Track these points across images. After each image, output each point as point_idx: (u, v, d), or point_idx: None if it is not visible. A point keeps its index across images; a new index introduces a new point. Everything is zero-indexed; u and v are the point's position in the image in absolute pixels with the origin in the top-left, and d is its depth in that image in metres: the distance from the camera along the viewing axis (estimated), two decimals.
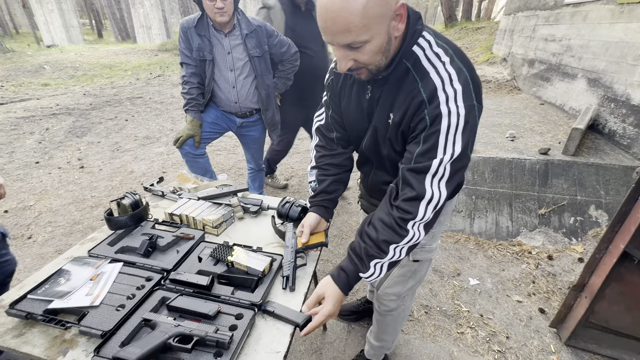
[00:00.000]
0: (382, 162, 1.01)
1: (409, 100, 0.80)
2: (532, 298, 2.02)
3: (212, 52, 1.95)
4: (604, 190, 2.56)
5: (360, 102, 0.94)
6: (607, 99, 3.24)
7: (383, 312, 1.29)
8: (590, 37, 3.65)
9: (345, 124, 1.06)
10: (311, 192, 1.15)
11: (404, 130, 0.84)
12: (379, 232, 0.84)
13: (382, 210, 0.87)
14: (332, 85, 1.03)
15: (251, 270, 0.93)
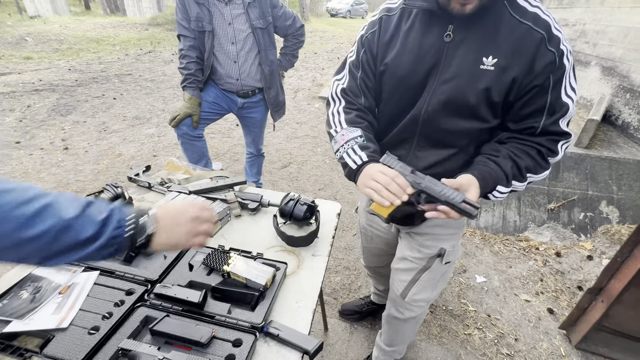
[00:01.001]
0: (438, 134, 0.84)
1: (520, 38, 0.72)
2: (540, 297, 1.95)
3: (212, 22, 1.77)
4: (616, 185, 2.46)
5: (424, 48, 0.78)
6: (622, 88, 3.09)
7: (408, 319, 1.19)
8: (607, 22, 3.46)
9: (387, 83, 0.87)
10: (360, 146, 0.86)
11: (516, 76, 0.73)
12: (524, 159, 0.80)
13: (522, 143, 0.81)
14: (376, 36, 0.86)
15: (251, 283, 0.79)
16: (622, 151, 2.66)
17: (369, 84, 0.91)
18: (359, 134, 0.87)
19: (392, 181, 0.72)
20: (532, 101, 0.77)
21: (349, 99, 0.92)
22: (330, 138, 0.93)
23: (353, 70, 0.92)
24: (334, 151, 0.91)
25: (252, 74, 1.93)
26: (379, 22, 0.86)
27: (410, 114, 0.85)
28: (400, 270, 1.13)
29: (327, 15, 20.51)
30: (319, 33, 11.08)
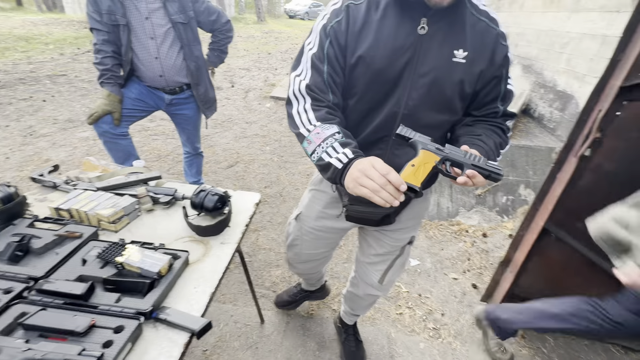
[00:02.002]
0: (417, 130, 0.80)
1: (483, 35, 0.79)
2: (466, 274, 2.12)
3: (126, 15, 1.70)
4: (532, 170, 2.75)
5: (399, 40, 0.76)
6: (537, 84, 3.45)
7: (381, 296, 1.31)
8: (525, 25, 3.84)
9: (361, 77, 0.81)
10: (340, 143, 0.78)
11: (483, 69, 0.81)
12: (496, 137, 0.87)
13: (483, 125, 0.89)
14: (344, 26, 0.79)
15: (145, 272, 0.79)
16: (537, 140, 2.97)
17: (336, 79, 0.83)
18: (336, 130, 0.79)
19: (388, 182, 0.66)
20: (492, 90, 0.87)
21: (315, 96, 0.82)
22: (300, 139, 0.83)
23: (317, 63, 0.81)
24: (307, 153, 0.81)
25: (177, 70, 1.89)
26: (345, 10, 0.79)
27: (388, 110, 0.82)
28: (374, 263, 1.19)
29: (286, 17, 20.50)
30: (275, 34, 11.04)
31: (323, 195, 1.09)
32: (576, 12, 2.93)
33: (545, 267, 1.64)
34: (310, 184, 1.16)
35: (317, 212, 1.11)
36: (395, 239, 1.11)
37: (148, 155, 3.19)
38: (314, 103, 0.83)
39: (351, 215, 0.96)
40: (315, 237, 1.16)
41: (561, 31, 3.12)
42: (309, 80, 0.83)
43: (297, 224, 1.19)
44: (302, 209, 1.17)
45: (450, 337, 1.68)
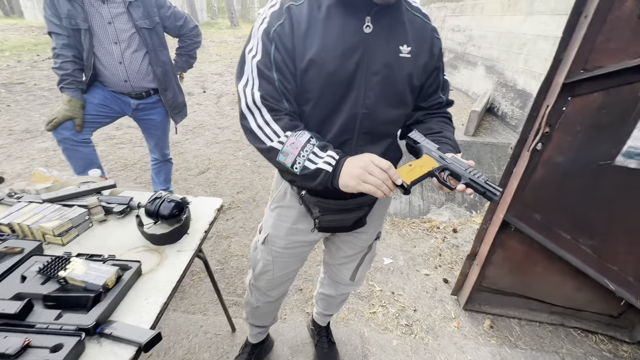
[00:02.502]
0: (378, 127, 0.85)
1: (420, 28, 0.83)
2: (438, 270, 2.16)
3: (88, 20, 1.65)
4: (496, 166, 2.86)
5: (348, 40, 0.76)
6: (499, 84, 3.62)
7: (348, 296, 1.33)
8: (487, 27, 4.02)
9: (315, 81, 0.78)
10: (319, 147, 0.77)
11: (425, 62, 0.84)
12: (449, 129, 0.93)
13: (435, 119, 0.94)
14: (288, 29, 0.75)
15: (89, 285, 0.75)
16: (501, 137, 3.10)
17: (288, 86, 0.78)
18: (309, 135, 0.76)
19: (389, 177, 0.71)
20: (434, 81, 0.92)
21: (271, 106, 0.77)
22: (271, 154, 0.77)
23: (264, 71, 0.76)
24: (286, 166, 0.76)
25: (143, 75, 1.85)
26: (287, 12, 0.75)
27: (347, 112, 0.80)
28: (345, 264, 1.20)
29: None
30: None
31: (290, 211, 1.00)
32: (531, 14, 3.10)
33: (508, 258, 1.71)
34: (272, 202, 1.03)
35: (286, 230, 1.02)
36: (364, 239, 1.11)
37: (114, 164, 3.07)
38: (273, 113, 0.77)
39: (324, 225, 0.94)
40: (289, 255, 1.08)
41: (518, 33, 3.29)
42: (260, 90, 0.77)
43: (266, 247, 1.07)
44: (268, 230, 1.05)
45: (423, 333, 1.71)
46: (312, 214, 0.93)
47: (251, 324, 1.36)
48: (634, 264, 1.55)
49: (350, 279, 1.23)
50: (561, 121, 1.34)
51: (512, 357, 1.61)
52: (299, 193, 0.93)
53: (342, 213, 0.93)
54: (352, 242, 1.12)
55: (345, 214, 0.94)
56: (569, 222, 1.53)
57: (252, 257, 1.15)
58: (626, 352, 1.69)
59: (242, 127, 0.81)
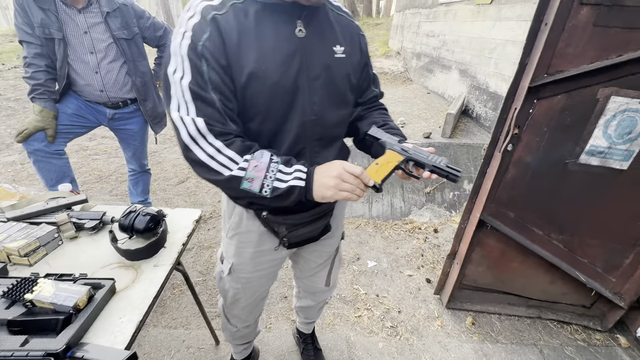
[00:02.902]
0: (329, 132, 0.83)
1: (348, 27, 0.84)
2: (420, 270, 2.20)
3: (62, 29, 1.61)
4: (473, 166, 2.95)
5: (284, 47, 0.72)
6: (473, 87, 3.75)
7: (327, 300, 1.35)
8: (459, 33, 4.17)
9: (259, 95, 0.72)
10: (284, 163, 0.74)
11: (358, 59, 0.86)
12: (390, 118, 0.96)
13: (375, 113, 0.96)
14: (218, 43, 0.67)
15: (58, 307, 0.72)
16: (476, 138, 3.21)
17: (230, 106, 0.71)
18: (269, 153, 0.72)
19: (361, 181, 0.72)
20: (366, 77, 0.94)
21: (218, 130, 0.69)
22: (235, 183, 0.70)
23: (200, 93, 0.67)
24: (254, 192, 0.70)
25: (120, 86, 1.82)
26: (211, 23, 0.67)
27: (297, 121, 0.77)
28: (317, 273, 1.19)
29: None
30: None
31: (251, 235, 0.94)
32: (499, 20, 3.24)
33: (486, 256, 1.76)
34: (229, 231, 0.95)
35: (251, 255, 0.97)
36: (331, 244, 1.11)
37: (87, 176, 2.96)
38: (222, 138, 0.70)
39: (293, 241, 0.94)
40: (259, 278, 1.03)
41: (488, 38, 3.43)
42: (200, 114, 0.68)
43: (232, 276, 1.02)
44: (231, 259, 0.99)
45: (407, 333, 1.73)
46: (279, 234, 0.90)
47: (235, 344, 1.33)
48: (601, 255, 1.64)
49: (325, 285, 1.23)
50: (529, 123, 1.40)
51: (493, 352, 1.66)
52: (259, 216, 0.88)
53: (310, 224, 0.92)
54: (320, 250, 1.11)
55: (313, 224, 0.93)
56: (541, 219, 1.60)
57: (219, 287, 1.09)
58: (599, 340, 1.77)
59: (188, 160, 0.71)
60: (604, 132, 1.35)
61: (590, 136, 1.37)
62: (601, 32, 1.21)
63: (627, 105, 1.29)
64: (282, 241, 0.92)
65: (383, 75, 6.09)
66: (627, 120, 1.32)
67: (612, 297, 1.69)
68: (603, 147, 1.37)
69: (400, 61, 6.66)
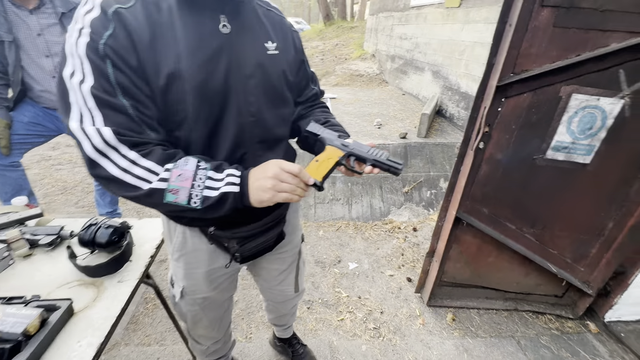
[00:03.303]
0: (269, 133, 0.79)
1: (280, 23, 0.81)
2: (401, 270, 2.22)
3: (13, 32, 1.49)
4: (448, 165, 3.02)
5: (208, 43, 0.65)
6: (446, 87, 3.85)
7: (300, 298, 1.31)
8: (430, 35, 4.28)
9: (185, 99, 0.65)
10: (213, 169, 0.67)
11: (293, 55, 0.83)
12: (333, 117, 0.93)
13: (317, 111, 0.94)
14: (126, 41, 0.59)
15: (5, 335, 0.65)
16: (450, 137, 3.29)
17: (147, 112, 0.63)
18: (195, 159, 0.65)
19: (301, 180, 0.68)
20: (303, 74, 0.91)
21: (133, 140, 0.61)
22: (156, 197, 0.62)
23: (107, 99, 0.59)
24: (181, 205, 0.63)
25: None
26: (114, 19, 0.58)
27: (232, 124, 0.71)
28: (283, 281, 1.14)
29: None
30: None
31: (199, 254, 0.87)
32: (467, 23, 3.35)
33: (463, 252, 1.79)
34: (174, 253, 0.88)
35: (202, 275, 0.90)
36: (291, 248, 1.08)
37: (50, 188, 2.78)
38: (138, 149, 0.62)
39: (247, 255, 0.88)
40: (217, 294, 0.97)
41: (458, 40, 3.54)
42: (108, 123, 0.59)
43: (186, 300, 0.95)
44: (182, 282, 0.92)
45: (390, 334, 1.73)
46: (229, 249, 0.85)
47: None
48: (570, 246, 1.71)
49: (295, 291, 1.20)
50: (498, 121, 1.44)
51: (473, 346, 1.69)
52: (205, 233, 0.81)
53: (262, 235, 0.87)
54: (280, 257, 1.06)
55: (266, 234, 0.88)
56: (513, 214, 1.64)
57: (175, 311, 1.03)
58: (571, 327, 1.84)
59: (97, 178, 0.62)
60: (568, 128, 1.41)
61: (555, 132, 1.42)
62: (561, 33, 1.26)
63: (587, 102, 1.35)
64: (234, 256, 0.85)
65: (359, 77, 6.15)
66: (588, 117, 1.38)
67: (581, 285, 1.77)
68: (567, 142, 1.43)
69: (375, 63, 6.76)
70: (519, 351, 1.67)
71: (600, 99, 1.34)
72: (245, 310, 1.80)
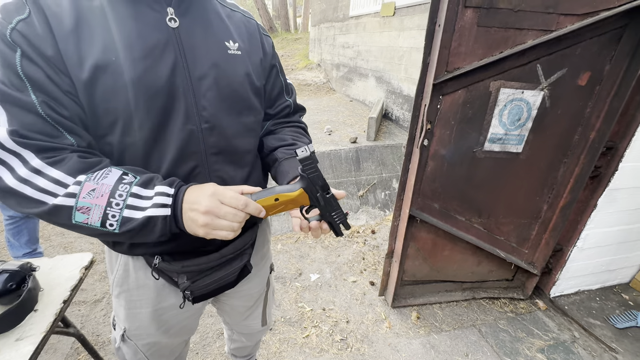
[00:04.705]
0: (230, 142, 0.68)
1: (245, 24, 0.74)
2: (364, 274, 2.19)
3: None
4: (399, 165, 3.11)
5: (148, 37, 0.57)
6: (390, 92, 4.01)
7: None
8: (370, 43, 4.45)
9: (116, 97, 0.55)
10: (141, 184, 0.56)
11: (261, 58, 0.75)
12: (303, 139, 0.83)
13: (290, 126, 0.86)
14: (42, 28, 0.51)
15: None
16: (398, 138, 3.41)
17: (63, 112, 0.53)
18: (120, 171, 0.55)
19: (246, 214, 0.57)
20: (275, 82, 0.82)
21: (41, 145, 0.51)
22: (63, 215, 0.51)
23: (12, 94, 0.50)
24: (94, 226, 0.52)
25: None
26: (31, 3, 0.51)
27: (178, 130, 0.61)
28: (250, 315, 1.01)
29: None
30: None
31: (144, 292, 0.74)
32: (402, 30, 3.53)
33: (420, 249, 1.82)
34: (114, 288, 0.76)
35: (149, 316, 0.77)
36: (258, 282, 0.96)
37: None
38: (45, 155, 0.52)
39: (200, 294, 0.73)
40: (168, 337, 0.84)
41: (396, 47, 3.71)
42: (11, 123, 0.50)
43: (129, 345, 0.81)
44: (123, 324, 0.79)
45: (358, 343, 1.67)
46: (179, 286, 0.71)
47: None
48: (513, 231, 1.81)
49: (262, 325, 1.08)
50: (438, 117, 1.48)
51: (439, 342, 1.70)
52: (150, 264, 0.70)
53: (221, 269, 0.74)
54: (247, 291, 0.93)
55: (225, 268, 0.74)
56: (461, 206, 1.70)
57: (117, 358, 0.87)
58: (523, 308, 1.94)
59: None
60: (500, 121, 1.50)
61: (490, 125, 1.50)
62: (484, 32, 1.34)
63: (514, 96, 1.45)
64: (184, 294, 0.71)
65: (306, 86, 6.20)
66: (516, 109, 1.48)
67: (527, 266, 1.88)
68: (501, 134, 1.52)
69: (322, 72, 6.88)
70: (481, 339, 1.72)
71: (524, 92, 1.45)
72: (199, 343, 1.63)
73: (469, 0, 1.29)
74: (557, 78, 1.44)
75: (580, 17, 1.34)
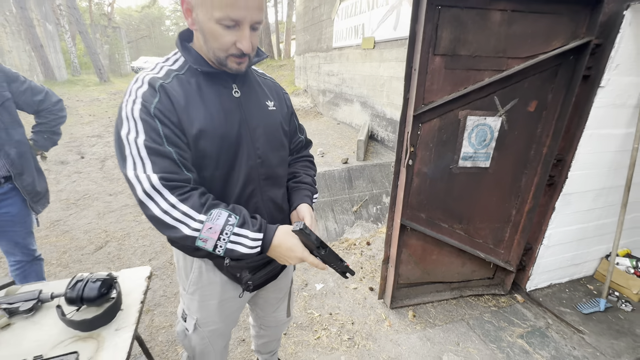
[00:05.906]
0: (274, 171, 0.96)
1: (273, 87, 1.03)
2: (363, 281, 2.43)
3: None
4: (387, 182, 3.42)
5: (226, 105, 0.85)
6: (374, 115, 4.39)
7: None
8: (354, 72, 4.87)
9: (210, 146, 0.82)
10: (239, 225, 0.79)
11: (286, 110, 1.04)
12: (311, 172, 1.13)
13: (299, 164, 1.13)
14: (169, 105, 0.77)
15: None
16: (385, 157, 3.74)
17: (185, 156, 0.79)
18: (225, 214, 0.77)
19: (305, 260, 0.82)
20: (292, 124, 1.11)
21: (174, 184, 0.75)
22: (189, 241, 0.75)
23: (157, 148, 0.74)
24: (208, 249, 0.77)
25: None
26: (160, 90, 0.77)
27: (245, 165, 0.88)
28: (278, 307, 1.27)
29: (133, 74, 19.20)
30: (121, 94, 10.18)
31: (214, 287, 0.99)
32: (382, 62, 3.96)
33: (412, 255, 2.08)
34: (189, 286, 1.00)
35: (216, 307, 1.02)
36: (287, 276, 1.22)
37: None
38: (177, 192, 0.75)
39: (257, 283, 1.01)
40: (225, 325, 1.10)
41: (377, 75, 4.13)
42: (156, 169, 0.74)
43: (198, 332, 1.05)
44: (195, 315, 1.03)
45: (364, 341, 1.89)
46: (242, 279, 0.98)
47: None
48: (490, 234, 2.11)
49: (287, 316, 1.33)
50: (419, 141, 1.80)
51: (434, 335, 1.93)
52: (221, 266, 0.96)
53: (270, 264, 1.02)
54: (278, 285, 1.19)
55: (272, 263, 1.02)
56: (444, 215, 2.00)
57: (183, 344, 1.11)
58: (504, 302, 2.22)
59: (146, 215, 0.76)
60: (469, 142, 1.83)
61: (461, 146, 1.83)
62: (451, 73, 1.69)
63: (478, 121, 1.79)
64: (246, 285, 0.98)
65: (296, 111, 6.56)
66: (481, 132, 1.82)
67: (504, 265, 2.18)
68: (471, 152, 1.85)
69: (309, 97, 7.29)
70: (470, 330, 1.97)
71: (486, 118, 1.79)
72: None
73: (437, 49, 1.63)
74: (511, 106, 1.80)
75: (524, 59, 1.71)
